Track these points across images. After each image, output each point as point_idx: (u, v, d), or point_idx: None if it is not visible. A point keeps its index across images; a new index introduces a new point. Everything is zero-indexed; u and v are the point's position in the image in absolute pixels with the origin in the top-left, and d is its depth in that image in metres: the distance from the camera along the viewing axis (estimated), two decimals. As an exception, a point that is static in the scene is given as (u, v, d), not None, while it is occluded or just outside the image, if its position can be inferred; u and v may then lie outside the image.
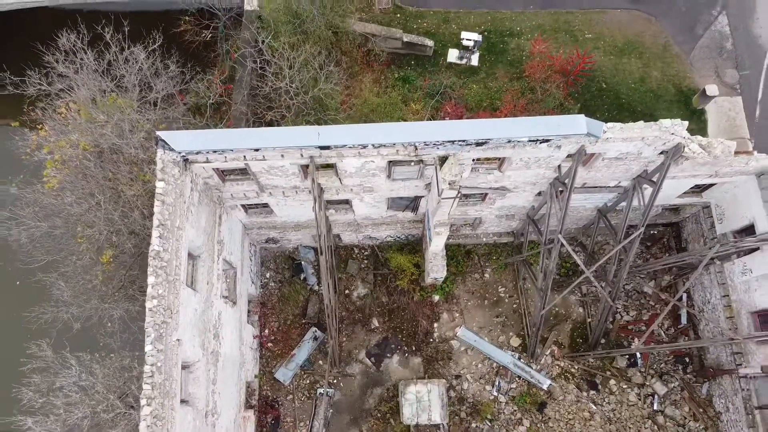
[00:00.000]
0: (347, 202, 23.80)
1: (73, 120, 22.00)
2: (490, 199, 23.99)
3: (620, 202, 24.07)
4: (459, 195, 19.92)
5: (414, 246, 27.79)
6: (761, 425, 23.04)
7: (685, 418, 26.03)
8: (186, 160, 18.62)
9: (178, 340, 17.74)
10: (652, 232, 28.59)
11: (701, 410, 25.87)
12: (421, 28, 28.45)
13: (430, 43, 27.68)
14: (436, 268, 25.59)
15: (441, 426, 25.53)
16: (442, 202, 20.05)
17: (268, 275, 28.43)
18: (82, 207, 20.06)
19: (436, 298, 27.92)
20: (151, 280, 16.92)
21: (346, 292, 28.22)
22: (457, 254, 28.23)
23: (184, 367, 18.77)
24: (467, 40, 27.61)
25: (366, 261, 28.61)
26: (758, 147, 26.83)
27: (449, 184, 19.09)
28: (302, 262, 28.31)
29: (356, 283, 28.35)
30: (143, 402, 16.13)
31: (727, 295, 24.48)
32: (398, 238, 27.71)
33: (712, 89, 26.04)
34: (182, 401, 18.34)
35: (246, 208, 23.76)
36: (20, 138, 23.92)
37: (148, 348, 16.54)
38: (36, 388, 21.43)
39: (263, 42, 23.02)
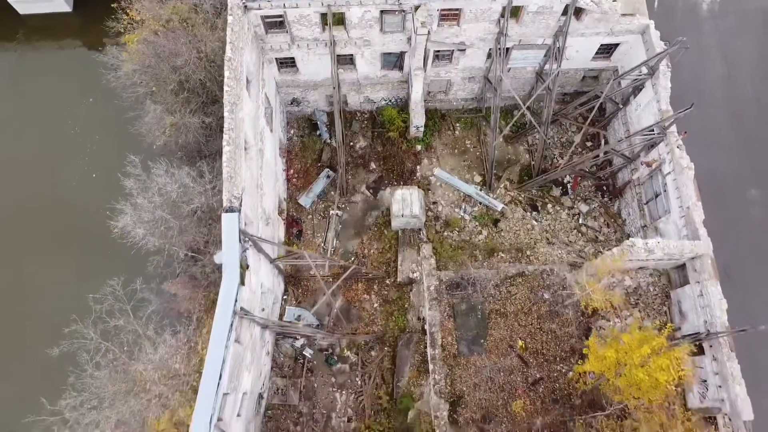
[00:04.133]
0: (352, 60, 33.07)
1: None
2: (455, 59, 33.28)
3: (547, 64, 33.27)
4: (429, 35, 29.18)
5: (402, 108, 37.01)
6: (648, 215, 32.26)
7: (600, 227, 35.25)
8: (245, 6, 27.93)
9: (242, 118, 27.03)
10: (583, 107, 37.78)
11: (612, 220, 35.13)
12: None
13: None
14: (417, 116, 34.85)
15: (421, 230, 34.84)
16: (418, 40, 29.32)
17: (291, 132, 37.76)
18: (171, 45, 29.35)
19: (419, 147, 37.19)
20: (226, 74, 26.22)
21: (351, 144, 37.50)
22: (435, 116, 37.54)
23: (245, 148, 28.00)
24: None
25: (366, 122, 37.94)
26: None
27: (421, 23, 28.38)
28: (318, 122, 37.61)
29: (358, 137, 37.67)
30: (224, 144, 25.35)
31: (628, 129, 33.70)
32: (390, 101, 36.98)
33: (619, -17, 35.20)
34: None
35: (279, 64, 33.04)
36: (115, 18, 33.33)
37: (226, 114, 25.77)
38: (134, 182, 30.65)
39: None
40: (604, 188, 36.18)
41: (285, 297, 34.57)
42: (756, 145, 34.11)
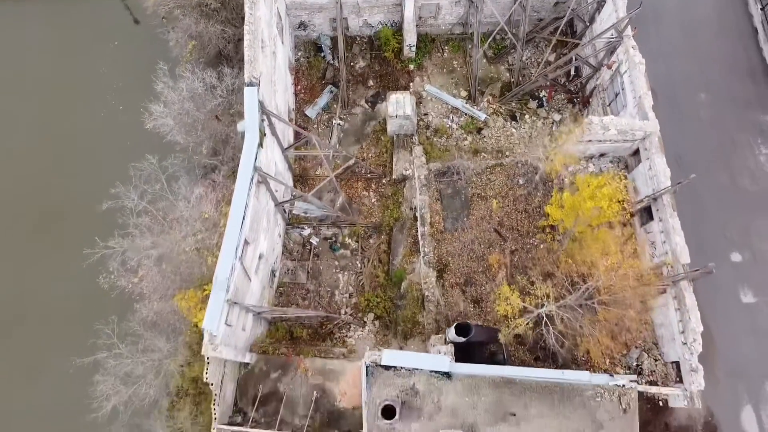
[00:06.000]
0: (352, -17, 37.90)
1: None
2: (442, -19, 38.11)
3: (524, -12, 38.08)
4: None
5: (396, 31, 41.77)
6: (610, 114, 37.03)
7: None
8: (261, -76, 32.77)
9: (259, 17, 31.84)
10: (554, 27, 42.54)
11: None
12: None
13: None
14: (410, 34, 39.65)
15: (413, 135, 39.64)
16: (408, -43, 34.17)
17: (299, 54, 42.60)
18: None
19: (411, 67, 41.98)
20: (246, -20, 31.08)
21: (351, 64, 42.32)
22: (426, 40, 42.33)
23: (261, 47, 32.78)
24: None
25: (365, 45, 42.77)
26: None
27: (411, -60, 33.22)
28: (322, 45, 42.44)
29: (358, 59, 42.50)
30: (245, 33, 30.16)
31: (595, 44, 38.42)
32: (386, 24, 41.75)
33: None
34: (260, 60, 32.37)
35: (289, -15, 37.88)
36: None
37: (246, 9, 30.60)
38: (162, 85, 35.47)
39: None
40: (575, 100, 40.97)
41: (294, 194, 39.32)
42: (705, 57, 38.96)
